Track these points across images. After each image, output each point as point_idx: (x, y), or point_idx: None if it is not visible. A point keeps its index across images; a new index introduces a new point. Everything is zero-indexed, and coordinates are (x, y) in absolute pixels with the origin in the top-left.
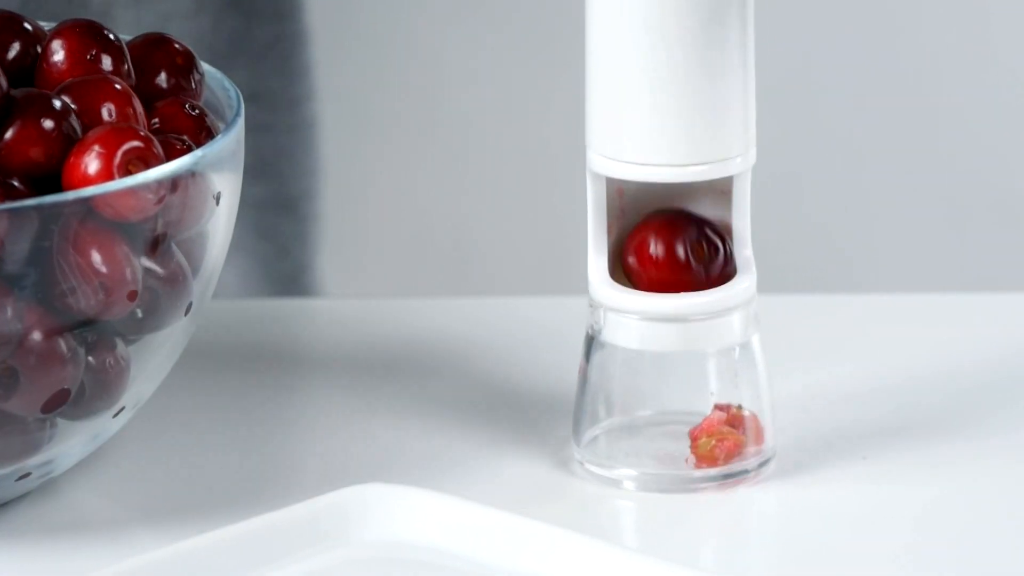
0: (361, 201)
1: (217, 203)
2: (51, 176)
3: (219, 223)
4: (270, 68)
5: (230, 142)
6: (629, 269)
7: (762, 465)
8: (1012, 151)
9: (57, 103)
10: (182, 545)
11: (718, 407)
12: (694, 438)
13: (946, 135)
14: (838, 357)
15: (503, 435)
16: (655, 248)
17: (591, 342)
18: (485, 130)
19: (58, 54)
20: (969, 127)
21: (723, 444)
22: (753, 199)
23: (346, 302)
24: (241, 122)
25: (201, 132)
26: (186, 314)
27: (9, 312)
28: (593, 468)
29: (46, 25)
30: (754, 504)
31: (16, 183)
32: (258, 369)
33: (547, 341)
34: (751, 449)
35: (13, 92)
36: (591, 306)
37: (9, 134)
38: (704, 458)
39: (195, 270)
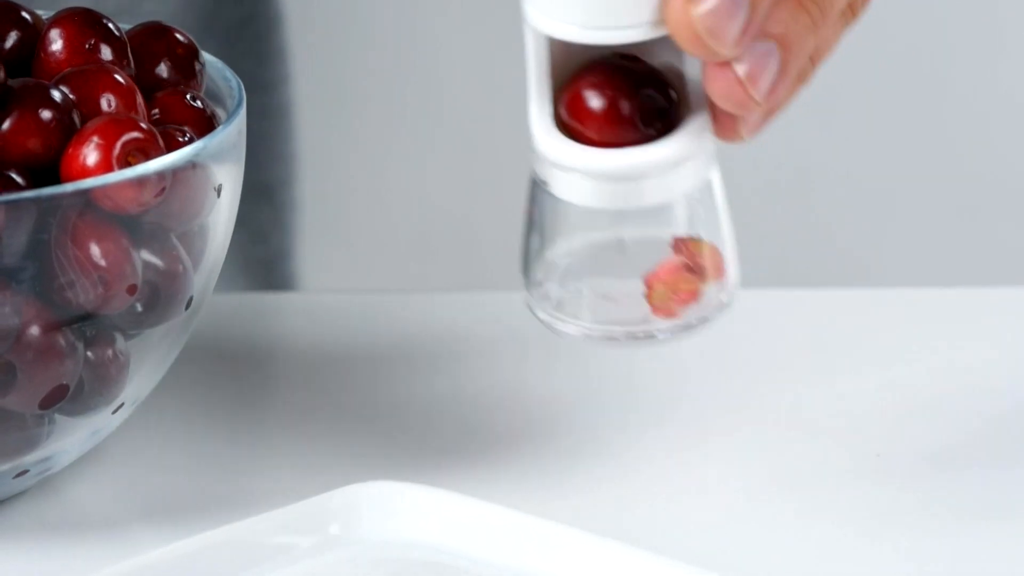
0: (344, 190)
1: (218, 195)
2: (49, 168)
3: (220, 216)
4: (241, 50)
5: (232, 133)
6: (564, 125)
7: (723, 310)
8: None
9: (55, 93)
10: (182, 544)
11: (676, 243)
12: (649, 286)
13: (953, 128)
14: (852, 353)
15: (506, 431)
16: (594, 102)
17: (536, 189)
18: (475, 116)
19: (56, 43)
20: (976, 122)
21: (679, 296)
22: (760, 194)
23: (347, 297)
24: (243, 113)
25: (202, 123)
26: (186, 308)
27: (7, 306)
28: (544, 317)
29: (44, 14)
30: (767, 506)
31: (14, 175)
32: (259, 365)
33: (547, 338)
34: (712, 286)
35: (10, 82)
36: (535, 158)
37: (6, 125)
38: (660, 309)
39: (196, 264)
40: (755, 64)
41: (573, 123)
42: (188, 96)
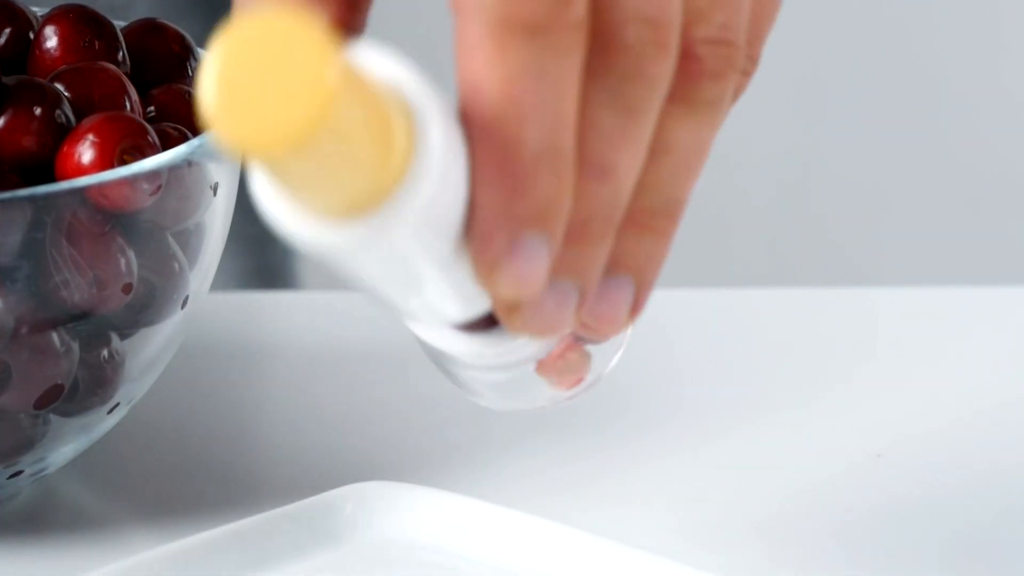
0: None
1: (214, 194)
2: (44, 166)
3: (216, 214)
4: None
5: None
6: None
7: (614, 364)
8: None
9: (50, 91)
10: (179, 544)
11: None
12: (541, 373)
13: (953, 127)
14: (854, 353)
15: (505, 432)
16: None
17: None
18: None
19: (51, 40)
20: (979, 121)
21: (566, 379)
22: (766, 194)
23: (343, 294)
24: None
25: (198, 121)
26: (182, 307)
27: (1, 305)
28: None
29: (38, 11)
30: (767, 507)
31: (8, 173)
32: (256, 364)
33: None
34: (604, 346)
35: (5, 79)
36: None
37: (1, 123)
38: (557, 386)
39: (191, 262)
40: (606, 307)
41: None
42: (184, 94)
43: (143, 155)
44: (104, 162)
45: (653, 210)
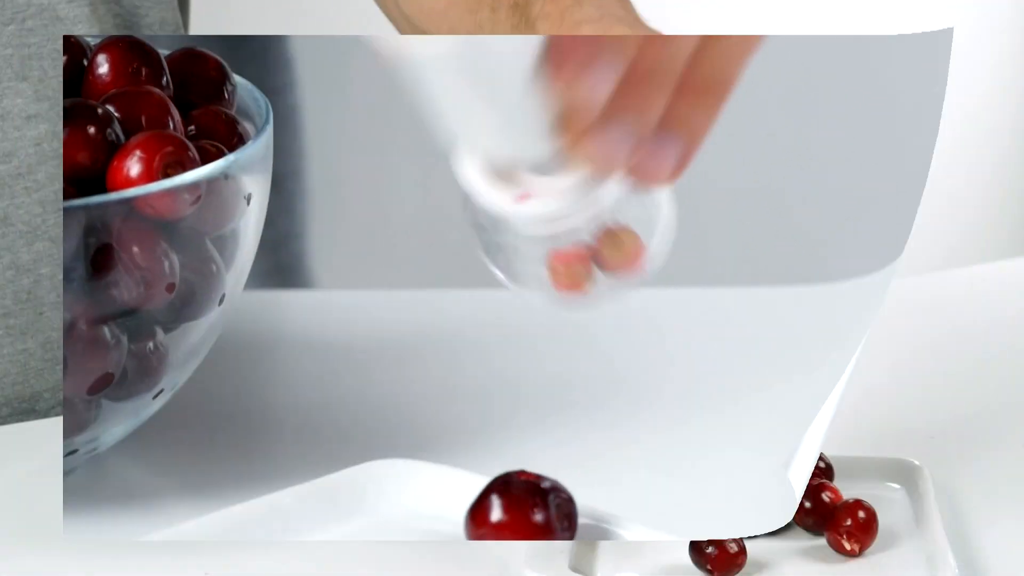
0: (350, 182)
1: (248, 203)
2: (97, 179)
3: (250, 221)
4: (244, 57)
5: (260, 147)
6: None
7: (614, 297)
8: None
9: (102, 112)
10: (216, 515)
11: (601, 233)
12: (549, 265)
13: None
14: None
15: (506, 414)
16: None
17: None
18: None
19: (103, 67)
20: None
21: (560, 283)
22: (764, 194)
23: (365, 293)
24: (270, 129)
25: (233, 138)
26: (219, 304)
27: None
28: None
29: (92, 40)
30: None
31: (66, 185)
32: (285, 355)
33: (540, 335)
34: (611, 276)
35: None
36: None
37: None
38: (557, 285)
39: (227, 264)
40: (657, 158)
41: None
42: (221, 114)
43: (184, 169)
44: (150, 175)
45: (705, 81)
